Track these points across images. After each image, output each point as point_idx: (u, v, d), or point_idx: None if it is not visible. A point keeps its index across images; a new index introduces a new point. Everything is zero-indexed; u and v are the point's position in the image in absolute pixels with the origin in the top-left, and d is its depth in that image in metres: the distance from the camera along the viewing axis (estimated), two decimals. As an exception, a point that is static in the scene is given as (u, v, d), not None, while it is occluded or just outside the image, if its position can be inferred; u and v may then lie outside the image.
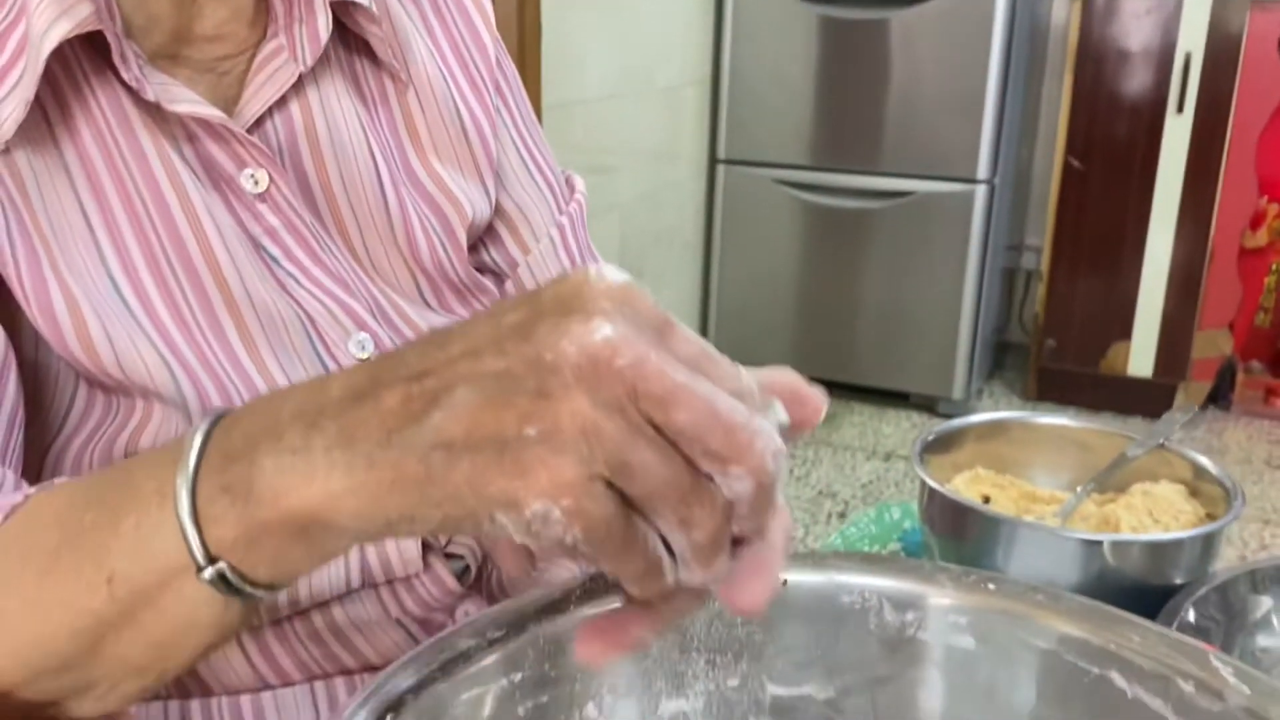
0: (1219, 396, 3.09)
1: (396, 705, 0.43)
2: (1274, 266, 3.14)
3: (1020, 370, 3.26)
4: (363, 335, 0.60)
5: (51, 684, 0.40)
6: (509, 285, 0.71)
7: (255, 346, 0.57)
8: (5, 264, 0.51)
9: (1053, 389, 3.09)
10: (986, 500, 0.74)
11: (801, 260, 3.02)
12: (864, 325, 2.98)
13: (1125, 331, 2.96)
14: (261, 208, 0.57)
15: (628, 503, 0.32)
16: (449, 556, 0.64)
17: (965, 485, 0.76)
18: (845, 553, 0.55)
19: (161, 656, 0.40)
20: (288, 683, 0.61)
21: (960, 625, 0.52)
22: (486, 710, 0.46)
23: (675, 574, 0.34)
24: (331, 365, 0.60)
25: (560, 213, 0.73)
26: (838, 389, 2.98)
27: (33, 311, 0.51)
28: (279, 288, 0.58)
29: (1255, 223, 3.07)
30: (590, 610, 0.50)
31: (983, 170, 2.76)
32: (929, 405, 3.00)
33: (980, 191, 2.78)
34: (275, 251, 0.58)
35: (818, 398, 0.39)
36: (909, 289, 2.91)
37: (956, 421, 0.79)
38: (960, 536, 0.69)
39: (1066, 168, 2.95)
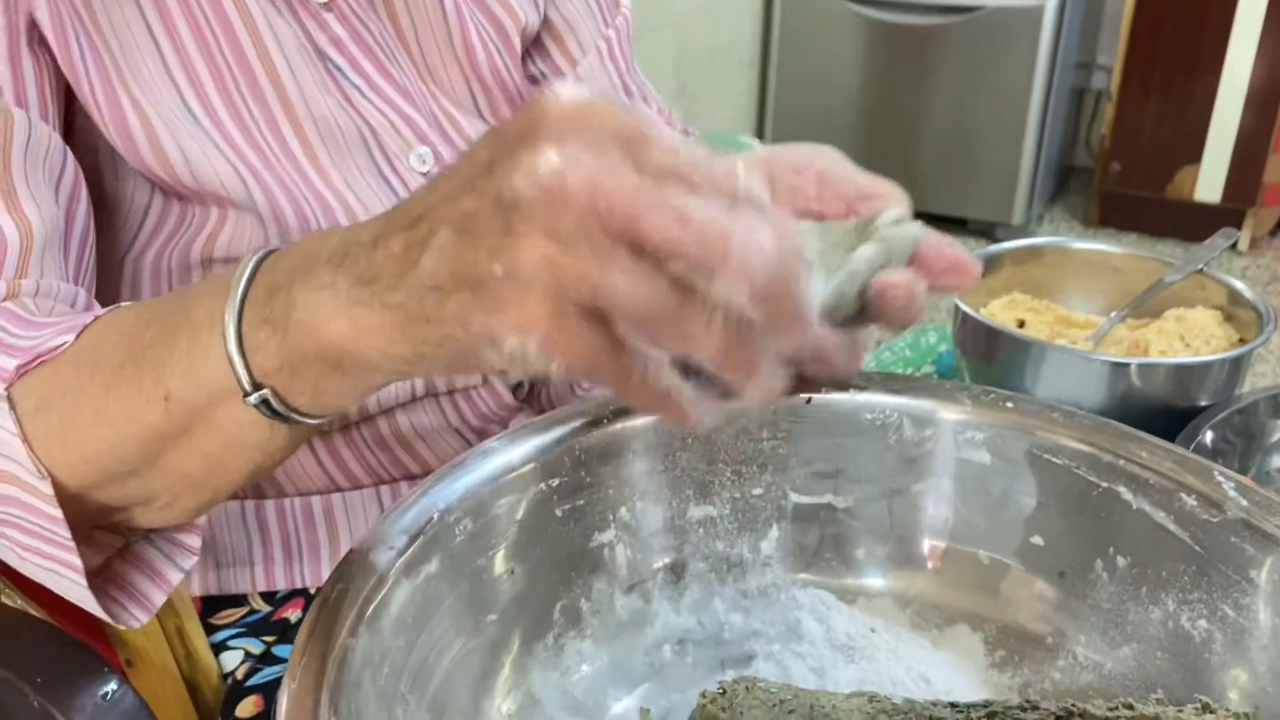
0: (1289, 222, 3.00)
1: (442, 507, 0.47)
2: (1361, 85, 2.99)
3: (1084, 195, 3.18)
4: (424, 149, 0.61)
5: (118, 490, 0.44)
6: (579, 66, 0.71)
7: (317, 159, 0.58)
8: (80, 83, 0.52)
9: (1116, 214, 3.02)
10: (1021, 324, 0.76)
11: (862, 80, 2.93)
12: (925, 147, 2.91)
13: (1195, 155, 2.86)
14: (328, 17, 0.58)
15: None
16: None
17: (1001, 309, 0.77)
18: (870, 373, 0.57)
19: (214, 472, 0.43)
20: (356, 485, 0.66)
21: (976, 441, 0.54)
22: (521, 512, 0.50)
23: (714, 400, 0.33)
24: (393, 179, 0.61)
25: (608, 26, 0.73)
26: (894, 214, 2.92)
27: (108, 128, 0.53)
28: (343, 100, 0.59)
29: (1345, 38, 2.90)
30: (622, 425, 0.53)
31: (1055, -17, 2.62)
32: (988, 231, 2.95)
33: (1051, 6, 2.65)
34: (341, 62, 0.59)
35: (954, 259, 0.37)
36: (972, 110, 2.82)
37: (995, 247, 0.79)
38: (991, 360, 0.71)
39: (1145, -21, 2.79)
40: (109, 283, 0.58)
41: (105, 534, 0.48)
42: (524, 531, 0.50)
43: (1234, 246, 2.93)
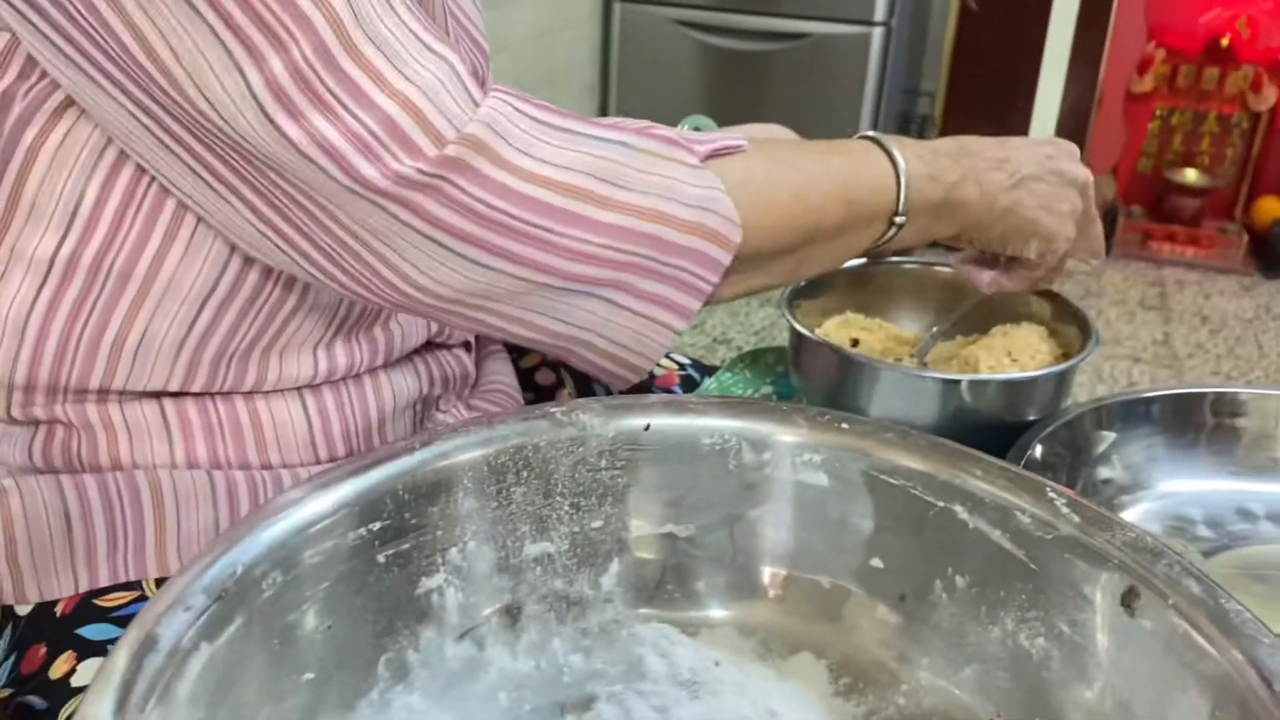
0: (1100, 240, 3.18)
1: (251, 563, 0.42)
2: (1158, 112, 3.21)
3: (913, 216, 3.30)
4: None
5: (752, 269, 0.60)
6: None
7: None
8: None
9: (943, 234, 3.15)
10: (855, 344, 0.76)
11: (699, 104, 2.97)
12: (760, 171, 2.97)
13: (1013, 177, 3.01)
14: None
15: None
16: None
17: (835, 329, 0.78)
18: (706, 397, 0.56)
19: (817, 268, 0.64)
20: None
21: (814, 463, 0.53)
22: (338, 561, 0.46)
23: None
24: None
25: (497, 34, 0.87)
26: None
27: None
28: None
29: (1142, 68, 3.11)
30: (450, 460, 0.50)
31: (880, 12, 2.72)
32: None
33: (877, 34, 2.75)
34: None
35: None
36: (806, 133, 2.87)
37: (829, 266, 0.79)
38: (825, 380, 0.71)
39: (963, 10, 2.93)
40: None
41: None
42: (341, 581, 0.46)
43: (1051, 263, 3.08)
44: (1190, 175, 3.20)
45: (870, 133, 0.65)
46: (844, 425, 0.53)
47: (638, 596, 0.54)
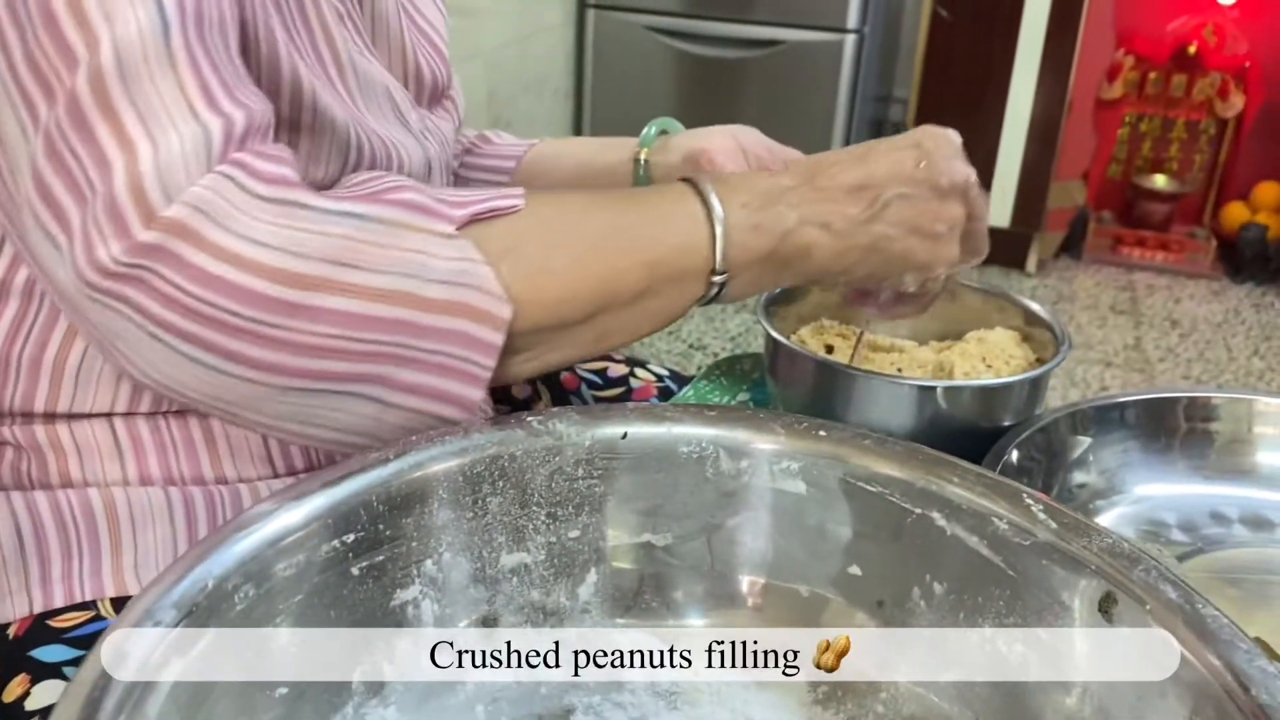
0: (1071, 246, 3.22)
1: (222, 577, 0.42)
2: (1127, 118, 3.24)
3: (886, 222, 3.32)
4: (416, 112, 0.70)
5: (534, 340, 0.54)
6: (447, 104, 0.81)
7: (358, 104, 0.63)
8: (258, 5, 0.54)
9: (916, 240, 3.16)
10: (830, 350, 0.76)
11: (674, 111, 2.96)
12: (735, 177, 2.98)
13: (985, 183, 3.02)
14: None
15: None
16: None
17: (810, 336, 0.78)
18: (683, 405, 0.56)
19: (625, 336, 0.58)
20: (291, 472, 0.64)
21: (791, 471, 0.53)
22: (311, 574, 0.45)
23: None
24: (412, 130, 0.68)
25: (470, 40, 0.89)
26: (708, 242, 2.97)
27: (260, 51, 0.54)
28: (360, 55, 0.64)
29: (1112, 74, 3.14)
30: (424, 471, 0.49)
31: (853, 20, 2.74)
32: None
33: (850, 41, 2.76)
34: (347, 30, 0.64)
35: None
36: (779, 139, 2.90)
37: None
38: (802, 386, 0.71)
39: (935, 18, 2.95)
40: None
41: None
42: (315, 595, 0.45)
43: (1023, 268, 3.11)
44: (1159, 181, 3.24)
45: (696, 175, 0.58)
46: (821, 432, 0.53)
47: (615, 606, 0.54)
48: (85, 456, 0.59)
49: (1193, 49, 3.07)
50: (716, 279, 0.56)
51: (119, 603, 0.60)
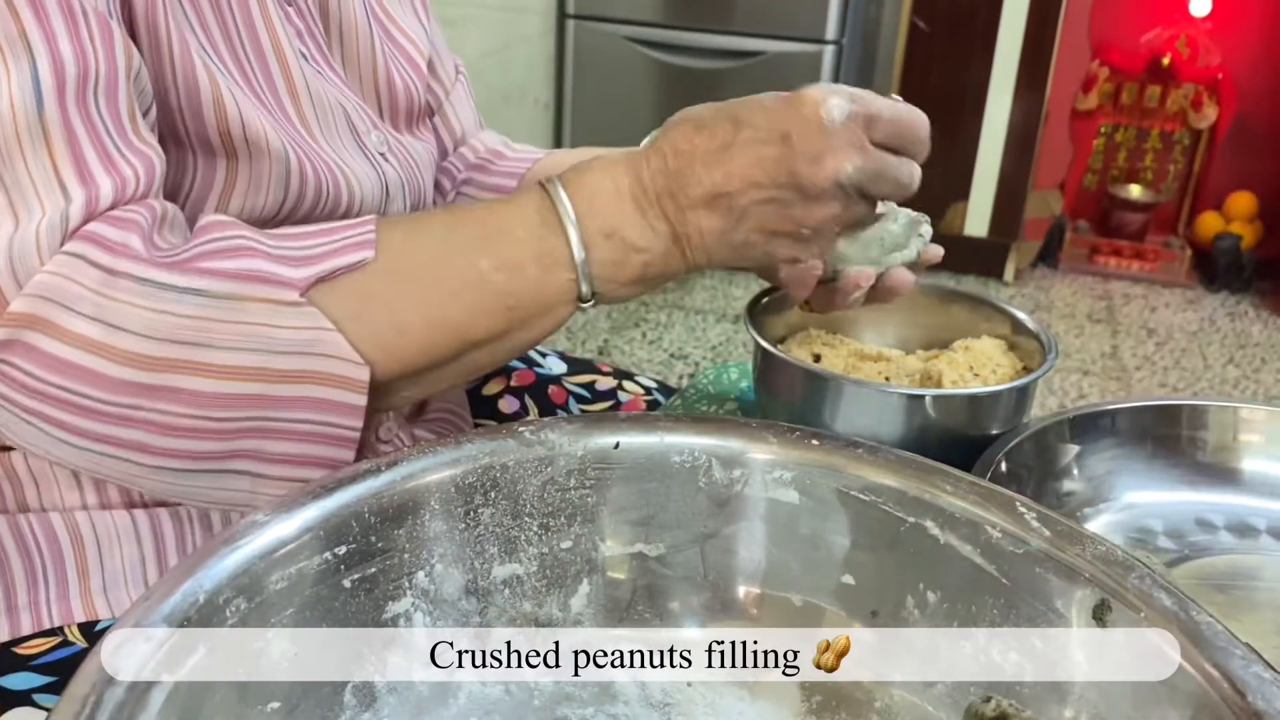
0: (1048, 255, 3.24)
1: (213, 590, 0.41)
2: (1103, 129, 3.27)
3: (865, 231, 3.33)
4: (378, 134, 0.68)
5: (399, 390, 0.54)
6: (437, 120, 0.82)
7: (311, 128, 0.62)
8: (159, 29, 0.53)
9: (895, 249, 3.18)
10: (817, 359, 0.76)
11: (654, 121, 2.94)
12: (715, 187, 2.98)
13: (963, 193, 3.05)
14: (289, 10, 0.63)
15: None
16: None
17: (797, 345, 0.78)
18: (676, 414, 0.55)
19: (495, 363, 0.57)
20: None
21: (784, 480, 0.53)
22: (303, 587, 0.45)
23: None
24: (368, 153, 0.66)
25: (450, 52, 0.83)
26: (689, 251, 2.98)
27: (176, 76, 0.54)
28: (317, 77, 0.63)
29: (1087, 86, 3.17)
30: (416, 481, 0.49)
31: (831, 31, 2.75)
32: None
33: (829, 52, 2.78)
34: (304, 50, 0.64)
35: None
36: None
37: (792, 282, 0.79)
38: (790, 395, 0.71)
39: (913, 29, 2.97)
40: None
41: None
42: (307, 607, 0.45)
43: (1001, 277, 3.13)
44: (1135, 191, 3.27)
45: (554, 190, 0.55)
46: (814, 442, 0.53)
47: (608, 617, 0.54)
48: (43, 485, 0.58)
49: (1167, 60, 3.11)
50: (585, 305, 0.56)
51: (86, 627, 0.59)
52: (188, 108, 0.54)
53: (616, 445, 0.53)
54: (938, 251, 0.66)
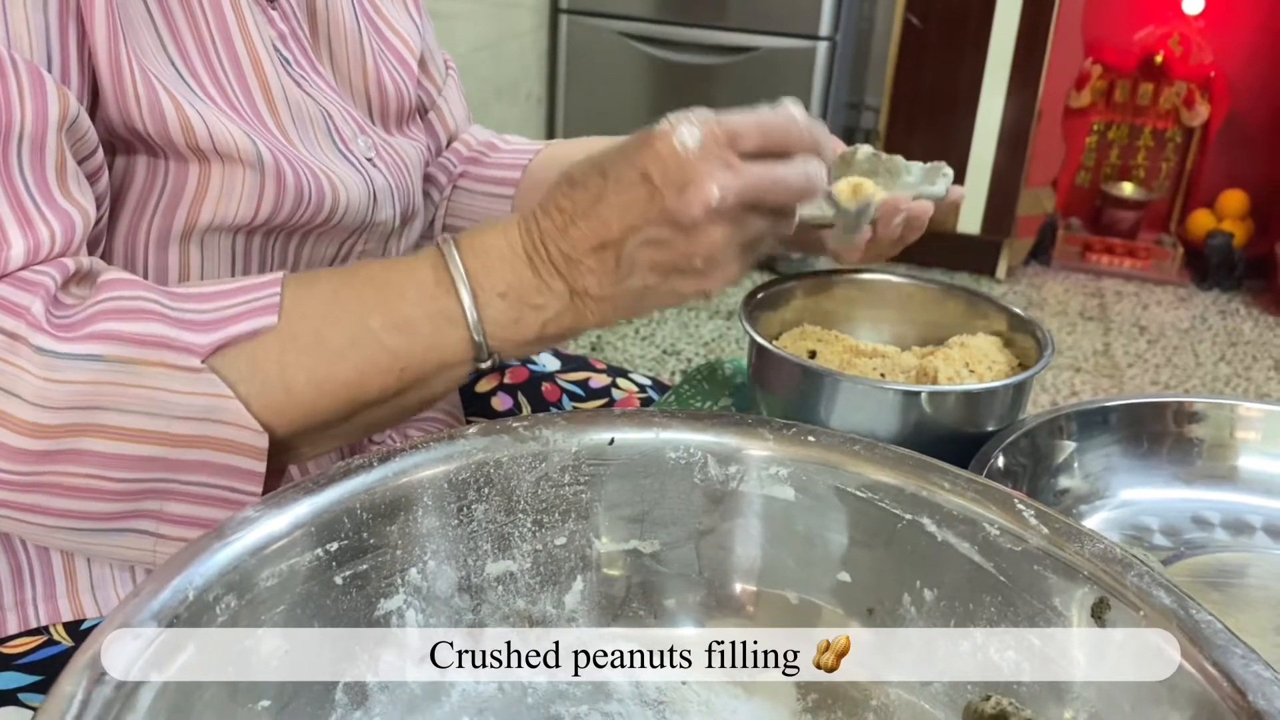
0: (1040, 252, 3.24)
1: (202, 588, 0.41)
2: (1095, 126, 3.28)
3: (858, 228, 3.33)
4: (365, 139, 0.68)
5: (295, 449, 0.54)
6: (432, 116, 0.82)
7: (289, 135, 0.61)
8: (117, 51, 0.52)
9: (888, 246, 3.18)
10: (813, 355, 0.76)
11: (648, 116, 2.93)
12: (707, 183, 2.98)
13: (956, 190, 3.04)
14: (273, 14, 0.63)
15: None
16: None
17: (792, 341, 0.77)
18: (671, 410, 0.55)
19: (392, 421, 0.57)
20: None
21: (780, 476, 0.52)
22: (294, 584, 0.44)
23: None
24: (351, 159, 0.66)
25: (442, 58, 0.83)
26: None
27: (138, 94, 0.53)
28: (296, 86, 0.63)
29: (1080, 83, 3.17)
30: (409, 477, 0.49)
31: (825, 27, 2.75)
32: (769, 264, 3.05)
33: (822, 48, 2.77)
34: (287, 55, 0.63)
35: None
36: (752, 147, 2.90)
37: (785, 279, 0.79)
38: (785, 391, 0.70)
39: (906, 26, 2.96)
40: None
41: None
42: (298, 605, 0.44)
43: (993, 275, 3.13)
44: (1127, 188, 3.27)
45: (448, 251, 0.55)
46: (811, 438, 0.53)
47: (603, 615, 0.53)
48: None
49: (1159, 58, 3.11)
50: (484, 364, 0.56)
51: (72, 627, 0.58)
52: (154, 130, 0.55)
53: (611, 441, 0.53)
54: (961, 191, 0.71)
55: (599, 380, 0.89)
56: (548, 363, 0.90)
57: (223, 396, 0.50)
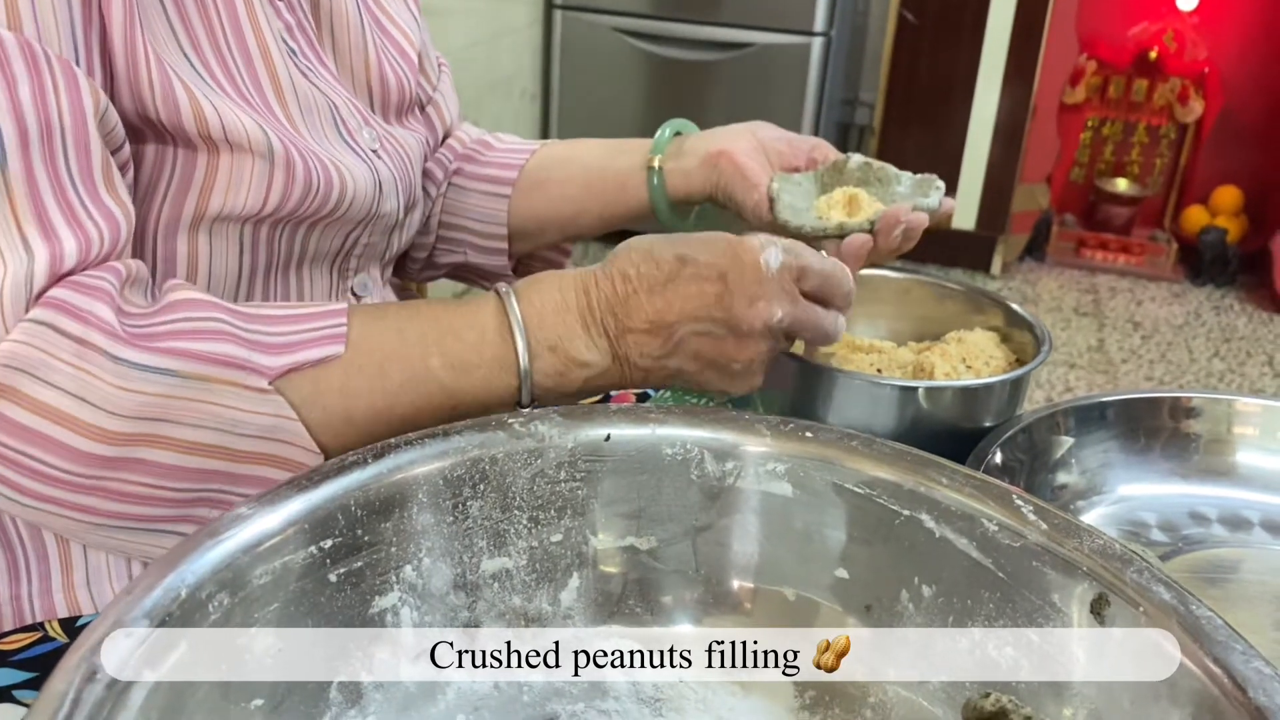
0: (1035, 248, 3.24)
1: (195, 585, 0.40)
2: (1090, 122, 3.28)
3: (852, 224, 3.32)
4: (369, 130, 0.68)
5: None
6: (430, 110, 0.82)
7: (297, 125, 0.62)
8: (134, 40, 0.52)
9: (883, 242, 3.18)
10: (810, 351, 0.75)
11: (642, 112, 2.96)
12: (702, 179, 2.97)
13: (950, 186, 3.04)
14: (280, 4, 0.63)
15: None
16: None
17: (790, 337, 0.77)
18: (668, 406, 0.55)
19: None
20: None
21: (778, 472, 0.52)
22: (288, 581, 0.44)
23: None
24: (357, 150, 0.66)
25: (432, 45, 0.84)
26: (676, 244, 2.97)
27: (152, 84, 0.53)
28: (303, 76, 0.63)
29: (1075, 79, 3.17)
30: (403, 474, 0.48)
31: (820, 23, 2.74)
32: (765, 259, 3.05)
33: (817, 44, 2.77)
34: (294, 46, 0.64)
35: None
36: (747, 143, 2.90)
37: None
38: (782, 387, 0.70)
39: (901, 22, 2.96)
40: None
41: None
42: (291, 602, 0.44)
43: (988, 271, 3.13)
44: (1121, 184, 3.27)
45: (509, 300, 0.57)
46: (808, 434, 0.52)
47: (599, 612, 0.53)
48: None
49: (1154, 54, 3.11)
50: (523, 409, 0.56)
51: (68, 623, 0.58)
52: (167, 119, 0.55)
53: (607, 437, 0.52)
54: (953, 204, 0.74)
55: None
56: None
57: (287, 418, 0.52)
